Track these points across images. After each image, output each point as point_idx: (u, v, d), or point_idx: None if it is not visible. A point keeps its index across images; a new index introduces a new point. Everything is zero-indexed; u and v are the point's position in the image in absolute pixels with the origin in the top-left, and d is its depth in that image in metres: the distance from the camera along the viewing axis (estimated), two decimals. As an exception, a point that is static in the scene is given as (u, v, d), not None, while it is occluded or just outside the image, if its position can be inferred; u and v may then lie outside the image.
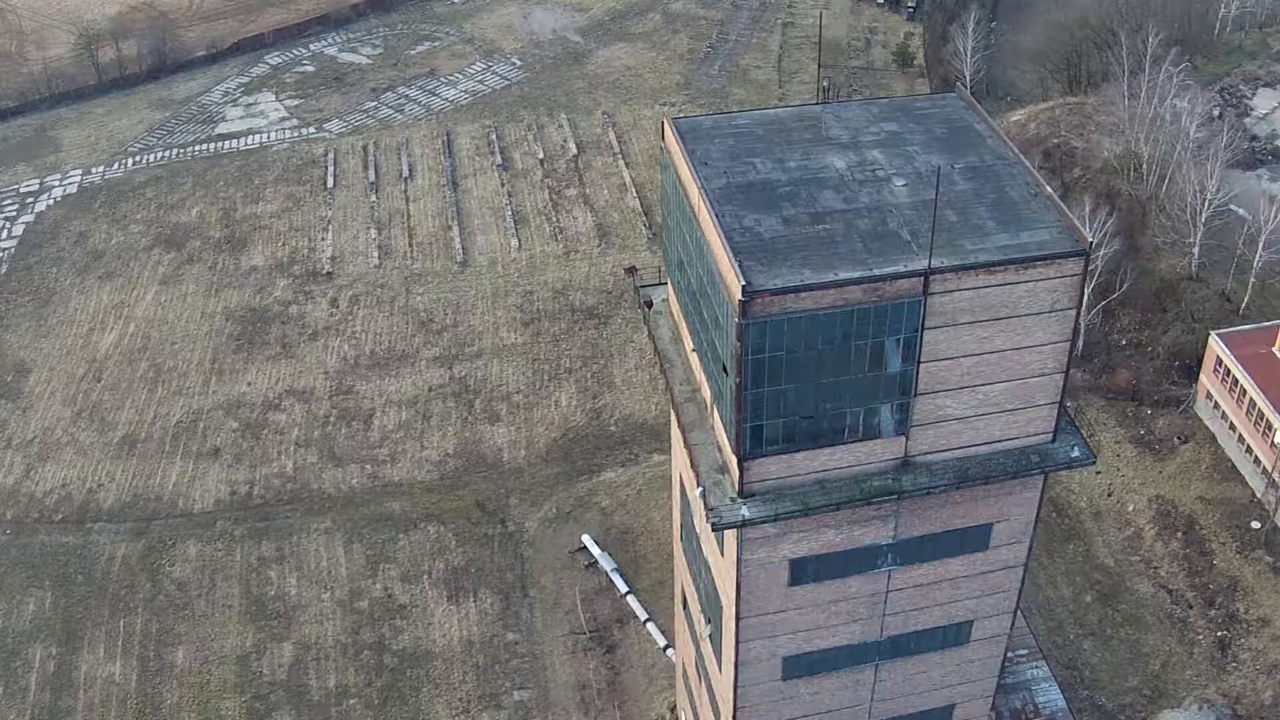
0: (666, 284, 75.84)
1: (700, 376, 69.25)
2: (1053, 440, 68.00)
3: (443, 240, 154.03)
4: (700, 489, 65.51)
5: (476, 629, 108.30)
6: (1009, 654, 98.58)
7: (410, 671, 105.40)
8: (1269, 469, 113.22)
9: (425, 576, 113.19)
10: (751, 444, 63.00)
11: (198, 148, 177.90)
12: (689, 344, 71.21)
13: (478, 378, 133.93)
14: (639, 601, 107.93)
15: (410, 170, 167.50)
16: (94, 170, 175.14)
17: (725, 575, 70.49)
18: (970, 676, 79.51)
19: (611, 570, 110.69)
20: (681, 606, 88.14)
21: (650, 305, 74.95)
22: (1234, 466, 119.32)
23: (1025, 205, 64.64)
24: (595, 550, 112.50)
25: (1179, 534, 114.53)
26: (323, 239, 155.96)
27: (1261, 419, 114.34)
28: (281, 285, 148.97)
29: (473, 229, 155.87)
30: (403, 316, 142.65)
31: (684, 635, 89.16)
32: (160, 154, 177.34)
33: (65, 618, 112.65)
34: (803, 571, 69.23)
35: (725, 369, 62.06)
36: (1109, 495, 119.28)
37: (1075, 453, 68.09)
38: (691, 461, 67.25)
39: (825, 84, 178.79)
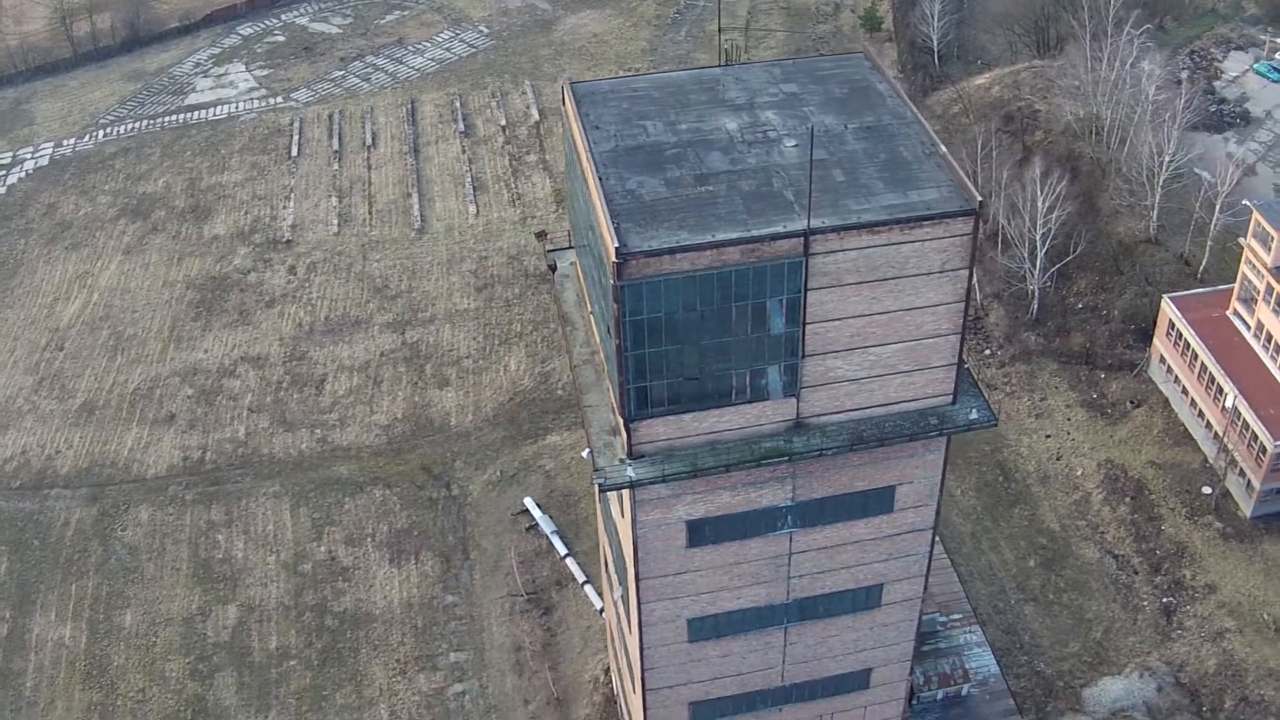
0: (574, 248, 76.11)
1: (598, 339, 69.40)
2: (953, 402, 67.94)
3: (402, 207, 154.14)
4: (588, 450, 65.73)
5: (416, 591, 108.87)
6: (943, 619, 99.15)
7: (350, 633, 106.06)
8: (1220, 434, 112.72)
9: (369, 539, 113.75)
10: (637, 405, 63.13)
11: (167, 119, 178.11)
12: (590, 307, 71.38)
13: (429, 343, 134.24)
14: (578, 564, 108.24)
15: (373, 138, 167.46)
16: (65, 142, 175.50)
17: (626, 537, 70.75)
18: (885, 640, 79.30)
19: (551, 533, 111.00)
20: (605, 569, 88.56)
21: (554, 269, 74.99)
22: (1186, 431, 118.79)
23: (918, 165, 64.41)
24: (537, 513, 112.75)
25: (1128, 499, 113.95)
26: (285, 207, 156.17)
27: (1213, 383, 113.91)
28: (242, 253, 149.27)
29: (432, 195, 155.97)
30: (359, 283, 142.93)
31: (608, 598, 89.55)
32: (130, 125, 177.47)
33: (20, 582, 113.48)
34: (700, 533, 69.38)
35: (609, 330, 62.13)
36: (1058, 459, 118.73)
37: (975, 415, 67.98)
38: (585, 423, 67.42)
39: (727, 46, 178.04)
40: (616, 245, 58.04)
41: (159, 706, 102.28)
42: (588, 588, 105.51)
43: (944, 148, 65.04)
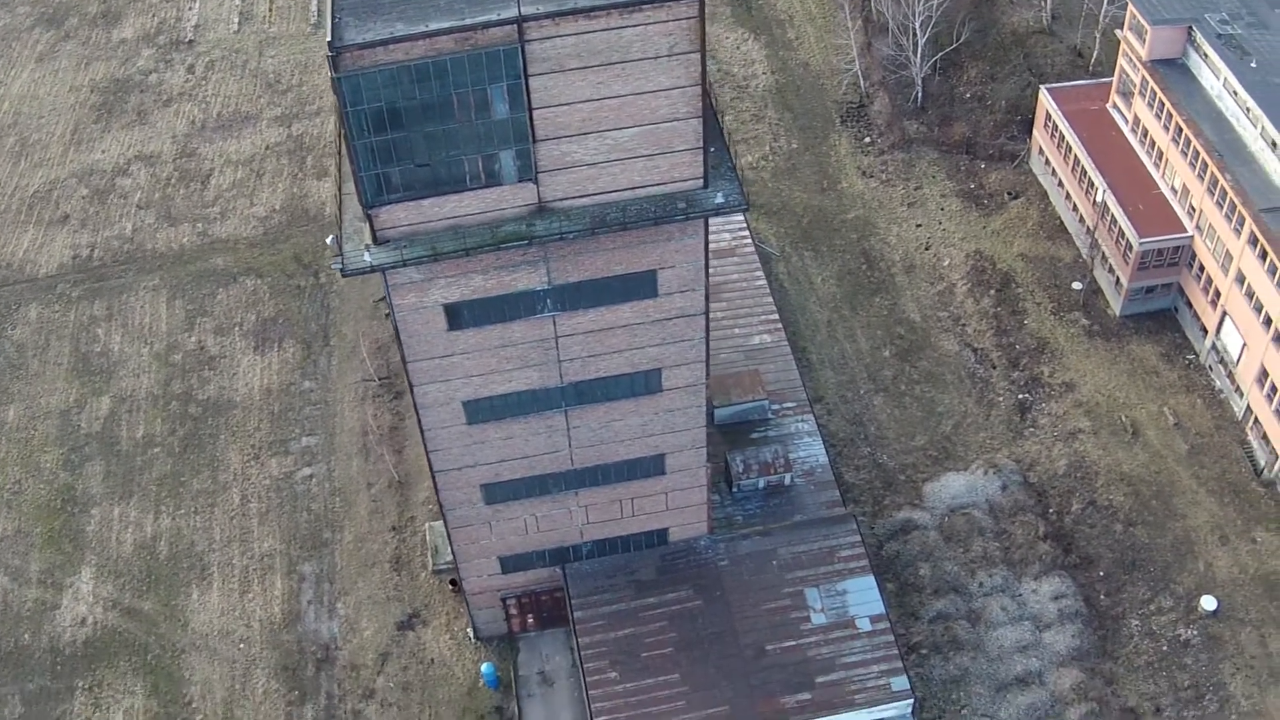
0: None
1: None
2: (704, 186, 69.33)
3: (301, 3, 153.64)
4: (331, 237, 67.73)
5: (277, 378, 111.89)
6: (775, 406, 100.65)
7: (211, 420, 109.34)
8: (1091, 229, 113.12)
9: (237, 329, 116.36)
10: (373, 192, 65.05)
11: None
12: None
13: (313, 135, 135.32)
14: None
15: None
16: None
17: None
18: (674, 426, 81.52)
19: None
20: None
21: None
22: (1061, 225, 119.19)
23: (651, -50, 64.62)
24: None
25: (993, 291, 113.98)
26: (190, 8, 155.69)
27: (1085, 176, 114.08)
28: (146, 55, 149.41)
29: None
30: (252, 79, 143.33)
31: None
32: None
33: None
34: (459, 317, 71.64)
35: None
36: (926, 249, 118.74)
37: (721, 199, 69.42)
38: (339, 210, 69.23)
39: None
40: (329, 39, 59.57)
41: (32, 497, 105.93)
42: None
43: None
